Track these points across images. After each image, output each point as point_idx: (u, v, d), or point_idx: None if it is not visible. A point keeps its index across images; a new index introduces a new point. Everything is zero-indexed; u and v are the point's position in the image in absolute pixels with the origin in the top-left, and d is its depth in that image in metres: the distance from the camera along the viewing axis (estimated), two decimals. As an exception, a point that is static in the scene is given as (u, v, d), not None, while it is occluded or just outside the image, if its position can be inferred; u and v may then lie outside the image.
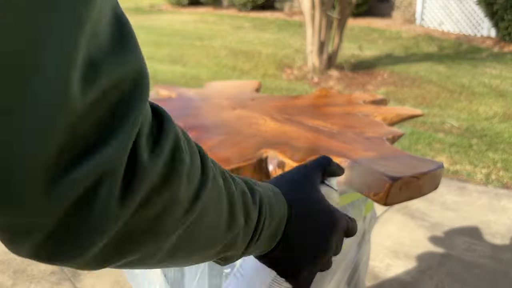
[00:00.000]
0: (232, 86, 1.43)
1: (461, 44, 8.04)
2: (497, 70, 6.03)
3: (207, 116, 1.07)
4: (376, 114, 1.11)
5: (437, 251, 2.06)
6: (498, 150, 3.30)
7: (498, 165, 3.02)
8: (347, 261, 1.10)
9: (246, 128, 0.98)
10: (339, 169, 0.60)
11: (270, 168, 0.83)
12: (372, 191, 0.75)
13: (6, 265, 1.89)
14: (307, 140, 0.91)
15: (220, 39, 7.92)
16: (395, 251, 2.06)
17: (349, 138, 0.92)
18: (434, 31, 9.06)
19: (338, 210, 0.55)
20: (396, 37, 8.59)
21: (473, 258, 2.00)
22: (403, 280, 1.85)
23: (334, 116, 1.09)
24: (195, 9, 11.56)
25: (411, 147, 3.29)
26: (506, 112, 4.24)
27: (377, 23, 9.84)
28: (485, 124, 3.87)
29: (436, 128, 3.78)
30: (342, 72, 5.74)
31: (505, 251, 2.06)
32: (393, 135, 0.96)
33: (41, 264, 1.90)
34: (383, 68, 6.09)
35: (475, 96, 4.81)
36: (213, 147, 0.86)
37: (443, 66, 6.29)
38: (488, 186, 2.75)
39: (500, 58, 7.02)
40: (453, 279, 1.85)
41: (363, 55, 6.73)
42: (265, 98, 1.26)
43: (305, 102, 1.21)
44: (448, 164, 3.03)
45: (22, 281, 1.79)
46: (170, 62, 6.43)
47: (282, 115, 1.09)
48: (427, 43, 8.07)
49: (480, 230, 2.25)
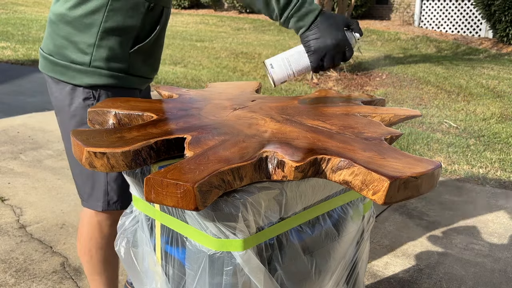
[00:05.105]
0: (232, 87, 1.44)
1: (459, 45, 8.06)
2: (495, 71, 6.05)
3: (207, 117, 1.08)
4: (375, 114, 1.13)
5: (435, 249, 2.08)
6: (495, 150, 3.32)
7: (496, 165, 3.04)
8: (346, 260, 1.12)
9: (246, 128, 1.00)
10: (360, 30, 1.09)
11: (270, 168, 0.84)
12: (370, 191, 0.77)
13: (8, 264, 1.90)
14: (307, 140, 0.92)
15: (220, 41, 7.93)
16: (394, 249, 2.08)
17: (348, 138, 0.94)
18: (432, 33, 9.07)
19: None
20: (394, 38, 8.61)
21: (471, 257, 2.02)
22: (402, 278, 1.86)
23: (333, 117, 1.10)
24: (196, 11, 11.56)
25: (409, 147, 3.31)
26: (503, 112, 4.27)
27: (376, 24, 9.85)
28: (482, 125, 3.89)
29: (434, 128, 3.80)
30: (341, 73, 5.76)
31: (503, 250, 2.07)
32: (392, 135, 0.98)
33: (43, 263, 1.91)
34: (381, 69, 6.11)
35: (472, 97, 4.83)
36: (214, 147, 0.88)
37: (441, 67, 6.31)
38: (486, 185, 2.77)
39: (497, 59, 7.04)
40: (451, 278, 1.87)
41: (362, 56, 6.74)
42: (265, 99, 1.28)
43: (305, 103, 1.23)
44: (446, 164, 3.05)
45: (24, 280, 1.80)
46: (171, 63, 6.44)
47: (281, 115, 1.10)
48: (425, 45, 8.09)
49: (477, 229, 2.27)
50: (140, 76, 1.29)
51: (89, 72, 1.20)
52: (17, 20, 10.30)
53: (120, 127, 1.08)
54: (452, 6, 9.07)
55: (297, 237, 0.97)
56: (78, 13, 1.17)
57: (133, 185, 1.06)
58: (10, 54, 6.80)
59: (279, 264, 0.93)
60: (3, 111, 4.11)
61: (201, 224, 0.88)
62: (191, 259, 0.92)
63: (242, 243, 0.86)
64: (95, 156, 0.87)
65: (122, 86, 1.25)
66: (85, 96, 1.23)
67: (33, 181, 2.72)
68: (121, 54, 1.21)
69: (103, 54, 1.19)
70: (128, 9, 1.18)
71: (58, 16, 1.20)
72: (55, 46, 1.22)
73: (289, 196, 0.92)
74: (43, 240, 2.09)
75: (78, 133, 0.96)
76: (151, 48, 1.27)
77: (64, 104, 1.25)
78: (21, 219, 2.29)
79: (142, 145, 0.89)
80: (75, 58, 1.19)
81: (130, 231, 1.11)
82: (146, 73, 1.31)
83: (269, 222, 0.91)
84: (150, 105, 1.17)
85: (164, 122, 1.03)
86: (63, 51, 1.20)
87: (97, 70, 1.20)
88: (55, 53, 1.22)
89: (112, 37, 1.18)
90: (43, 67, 1.26)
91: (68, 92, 1.23)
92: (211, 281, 0.89)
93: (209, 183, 0.76)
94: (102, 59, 1.19)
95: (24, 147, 3.28)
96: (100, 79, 1.21)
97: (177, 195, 0.75)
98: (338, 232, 1.06)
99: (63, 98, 1.24)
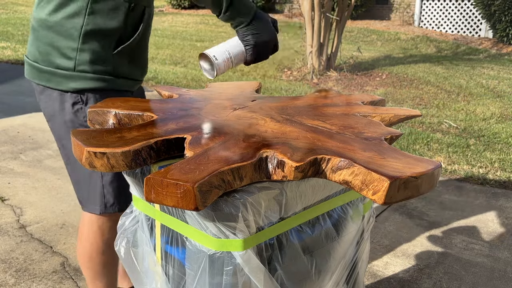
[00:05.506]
0: (232, 87, 1.44)
1: (459, 45, 8.07)
2: (495, 71, 6.05)
3: (208, 117, 1.08)
4: (375, 114, 1.13)
5: (435, 249, 2.08)
6: (495, 150, 3.32)
7: (496, 165, 3.04)
8: (346, 260, 1.12)
9: (246, 128, 1.00)
10: (277, 28, 1.26)
11: (270, 168, 0.85)
12: (370, 191, 0.77)
13: (8, 264, 1.90)
14: (307, 140, 0.92)
15: (220, 41, 7.93)
16: (394, 249, 2.08)
17: (348, 138, 0.94)
18: (432, 33, 9.08)
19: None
20: (394, 38, 8.61)
21: (470, 257, 2.02)
22: (402, 278, 1.87)
23: (333, 117, 1.10)
24: (196, 11, 11.57)
25: (409, 147, 3.31)
26: (503, 112, 4.27)
27: (376, 24, 9.85)
28: (482, 125, 3.89)
29: (434, 128, 3.80)
30: (341, 73, 5.76)
31: (503, 250, 2.08)
32: (392, 135, 0.98)
33: (43, 263, 1.91)
34: (381, 69, 6.11)
35: (472, 97, 4.84)
36: (214, 147, 0.88)
37: (441, 67, 6.31)
38: (486, 185, 2.77)
39: (497, 59, 7.04)
40: (451, 278, 1.87)
41: (362, 56, 6.75)
42: (265, 99, 1.28)
43: (305, 103, 1.23)
44: (446, 164, 3.05)
45: (24, 280, 1.81)
46: (172, 63, 6.44)
47: (281, 115, 1.10)
48: (425, 45, 8.09)
49: (477, 229, 2.27)
50: (127, 77, 1.27)
51: (75, 77, 1.18)
52: (17, 20, 10.30)
53: (120, 127, 1.08)
54: (452, 6, 9.07)
55: (297, 237, 0.97)
56: (58, 18, 1.16)
57: (133, 185, 1.06)
58: (10, 54, 6.80)
59: (279, 264, 0.93)
60: (3, 111, 4.11)
61: (201, 224, 0.88)
62: (191, 259, 0.92)
63: (242, 243, 0.86)
64: (95, 156, 0.87)
65: (110, 88, 1.23)
66: (74, 101, 1.21)
67: (33, 181, 2.72)
68: (105, 56, 1.19)
69: (87, 57, 1.17)
70: (109, 10, 1.16)
71: (39, 21, 1.19)
72: (39, 52, 1.20)
73: (289, 196, 0.92)
74: (43, 240, 2.09)
75: (78, 133, 0.96)
76: (136, 49, 1.26)
77: (54, 110, 1.24)
78: (21, 219, 2.29)
79: (142, 145, 0.89)
80: (59, 63, 1.18)
81: (130, 231, 1.11)
82: (133, 75, 1.29)
83: (269, 222, 0.91)
84: (150, 105, 1.17)
85: (164, 122, 1.03)
86: (48, 57, 1.19)
87: (83, 74, 1.18)
88: (40, 60, 1.20)
89: (94, 40, 1.17)
90: (29, 74, 1.24)
91: (56, 98, 1.22)
92: (211, 281, 0.89)
93: (209, 183, 0.76)
94: (86, 63, 1.18)
95: (24, 147, 3.28)
96: (87, 83, 1.19)
97: (177, 195, 0.75)
98: (338, 232, 1.06)
99: (53, 104, 1.23)
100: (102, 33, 1.17)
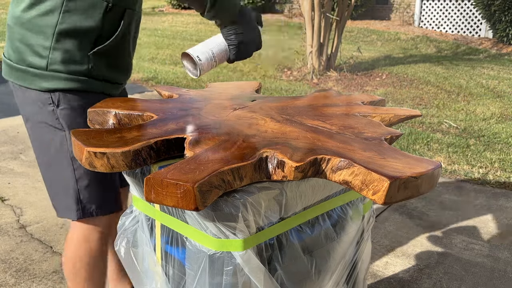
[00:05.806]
0: (232, 87, 1.44)
1: (459, 45, 8.07)
2: (495, 71, 6.06)
3: (208, 117, 1.08)
4: (375, 114, 1.13)
5: (435, 249, 2.08)
6: (495, 150, 3.32)
7: (496, 165, 3.04)
8: (346, 260, 1.12)
9: (246, 128, 1.00)
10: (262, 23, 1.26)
11: (270, 168, 0.85)
12: (370, 191, 0.77)
13: (8, 264, 1.90)
14: (307, 140, 0.92)
15: (219, 40, 7.92)
16: (394, 249, 2.08)
17: (348, 138, 0.94)
18: (432, 33, 9.08)
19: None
20: (394, 38, 8.61)
21: (471, 257, 2.02)
22: (402, 278, 1.87)
23: (333, 117, 1.10)
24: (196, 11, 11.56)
25: (409, 147, 3.31)
26: (503, 112, 4.27)
27: (376, 25, 9.85)
28: (482, 125, 3.89)
29: (434, 128, 3.80)
30: (341, 73, 5.76)
31: (503, 250, 2.08)
32: (392, 136, 0.98)
33: (43, 263, 1.91)
34: (381, 69, 6.11)
35: (472, 97, 4.84)
36: (214, 147, 0.88)
37: (441, 67, 6.31)
38: (486, 185, 2.77)
39: (497, 59, 7.05)
40: (451, 278, 1.87)
41: (362, 56, 6.75)
42: (265, 99, 1.28)
43: (305, 103, 1.23)
44: (446, 164, 3.05)
45: (24, 280, 1.81)
46: (171, 63, 6.44)
47: (281, 115, 1.10)
48: (425, 45, 8.09)
49: (477, 229, 2.27)
50: (106, 80, 1.22)
51: (47, 76, 1.14)
52: (17, 20, 10.29)
53: (120, 127, 1.08)
54: (452, 6, 9.08)
55: (297, 237, 0.97)
56: (32, 15, 1.12)
57: (133, 185, 1.06)
58: (10, 54, 6.80)
59: (279, 264, 0.93)
60: (3, 111, 4.11)
61: (201, 224, 0.88)
62: (191, 259, 0.92)
63: (242, 243, 0.86)
64: (95, 156, 0.87)
65: (84, 90, 1.18)
66: (46, 101, 1.16)
67: (33, 181, 2.72)
68: (79, 56, 1.15)
69: (60, 56, 1.13)
70: (85, 9, 1.12)
71: (13, 19, 1.16)
72: (13, 50, 1.17)
73: (289, 196, 0.92)
74: (43, 240, 2.09)
75: (78, 133, 0.96)
76: (115, 51, 1.21)
77: (30, 110, 1.19)
78: (21, 219, 2.29)
79: (142, 145, 0.89)
80: (31, 61, 1.14)
81: (130, 231, 1.11)
82: (112, 78, 1.23)
83: (269, 222, 0.91)
84: (150, 105, 1.17)
85: (164, 122, 1.03)
86: (21, 55, 1.15)
87: (56, 74, 1.14)
88: (14, 58, 1.17)
89: (69, 39, 1.13)
90: (5, 73, 1.21)
91: (30, 98, 1.18)
92: (211, 281, 0.89)
93: (209, 183, 0.76)
94: (59, 62, 1.13)
95: (24, 147, 3.28)
96: (59, 83, 1.15)
97: (177, 195, 0.75)
98: (337, 232, 1.06)
99: (28, 104, 1.19)
100: (78, 32, 1.13)
